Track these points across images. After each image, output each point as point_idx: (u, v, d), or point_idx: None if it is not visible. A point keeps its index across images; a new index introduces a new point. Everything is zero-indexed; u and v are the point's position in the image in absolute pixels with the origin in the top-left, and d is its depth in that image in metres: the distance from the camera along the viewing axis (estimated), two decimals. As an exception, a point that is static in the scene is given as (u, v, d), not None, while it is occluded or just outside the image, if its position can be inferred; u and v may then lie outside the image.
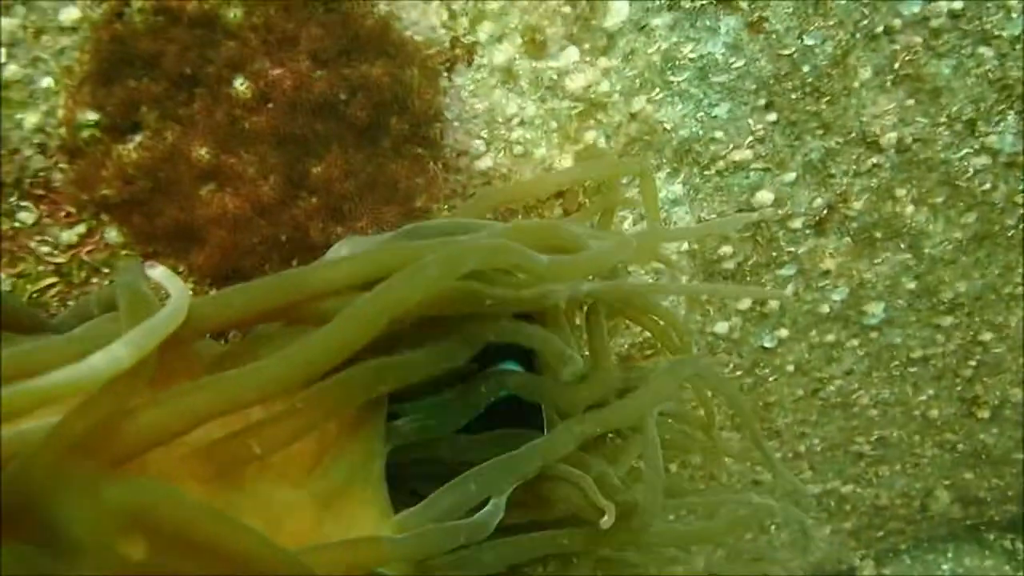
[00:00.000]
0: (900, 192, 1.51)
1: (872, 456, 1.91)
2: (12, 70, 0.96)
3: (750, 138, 1.41)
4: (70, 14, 0.96)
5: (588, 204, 1.31)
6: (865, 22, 1.32)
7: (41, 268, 1.10)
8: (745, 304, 1.60)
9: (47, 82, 0.99)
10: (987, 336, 1.71)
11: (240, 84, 1.07)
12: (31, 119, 0.99)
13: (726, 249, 1.52)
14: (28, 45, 0.96)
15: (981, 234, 1.57)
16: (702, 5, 1.28)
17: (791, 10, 1.30)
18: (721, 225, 1.40)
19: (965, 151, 1.47)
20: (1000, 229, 1.56)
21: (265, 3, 1.04)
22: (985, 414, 1.85)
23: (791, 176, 1.47)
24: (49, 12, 0.96)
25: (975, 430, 1.89)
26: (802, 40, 1.33)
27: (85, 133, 1.02)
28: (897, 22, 1.33)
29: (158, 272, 0.75)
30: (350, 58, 1.10)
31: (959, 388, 1.81)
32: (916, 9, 1.32)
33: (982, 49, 1.36)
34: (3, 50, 0.95)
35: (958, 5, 1.32)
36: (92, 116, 1.01)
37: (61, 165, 1.03)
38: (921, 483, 1.98)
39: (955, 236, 1.57)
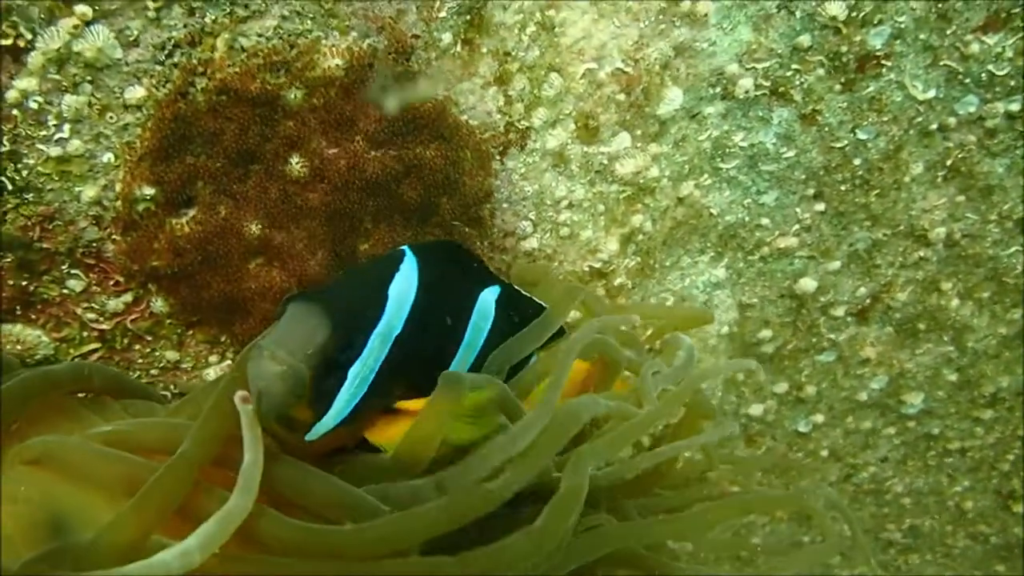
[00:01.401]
0: (946, 285, 1.48)
1: (902, 544, 1.86)
2: (75, 145, 0.97)
3: (796, 226, 1.40)
4: (135, 93, 0.97)
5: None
6: (919, 119, 1.31)
7: (85, 334, 1.09)
8: (781, 388, 1.58)
9: (108, 157, 0.99)
10: (1028, 432, 1.67)
11: (296, 162, 1.07)
12: (89, 192, 1.00)
13: (765, 333, 1.50)
14: (93, 121, 0.97)
15: (1027, 331, 1.54)
16: (756, 96, 1.27)
17: (845, 104, 1.30)
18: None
19: (1014, 248, 1.45)
20: (1047, 327, 1.53)
21: (327, 86, 1.05)
22: (1021, 508, 1.80)
23: (836, 265, 1.45)
24: (116, 91, 0.96)
25: (1009, 524, 1.84)
26: (855, 134, 1.32)
27: (141, 207, 1.02)
28: (952, 120, 1.32)
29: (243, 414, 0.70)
30: (405, 140, 1.10)
31: (995, 481, 1.77)
32: (972, 109, 1.31)
33: (1037, 150, 1.35)
34: (67, 126, 0.96)
35: (1015, 107, 1.30)
36: (149, 191, 1.02)
37: (114, 236, 1.04)
38: (952, 573, 1.93)
39: (1000, 331, 1.54)
